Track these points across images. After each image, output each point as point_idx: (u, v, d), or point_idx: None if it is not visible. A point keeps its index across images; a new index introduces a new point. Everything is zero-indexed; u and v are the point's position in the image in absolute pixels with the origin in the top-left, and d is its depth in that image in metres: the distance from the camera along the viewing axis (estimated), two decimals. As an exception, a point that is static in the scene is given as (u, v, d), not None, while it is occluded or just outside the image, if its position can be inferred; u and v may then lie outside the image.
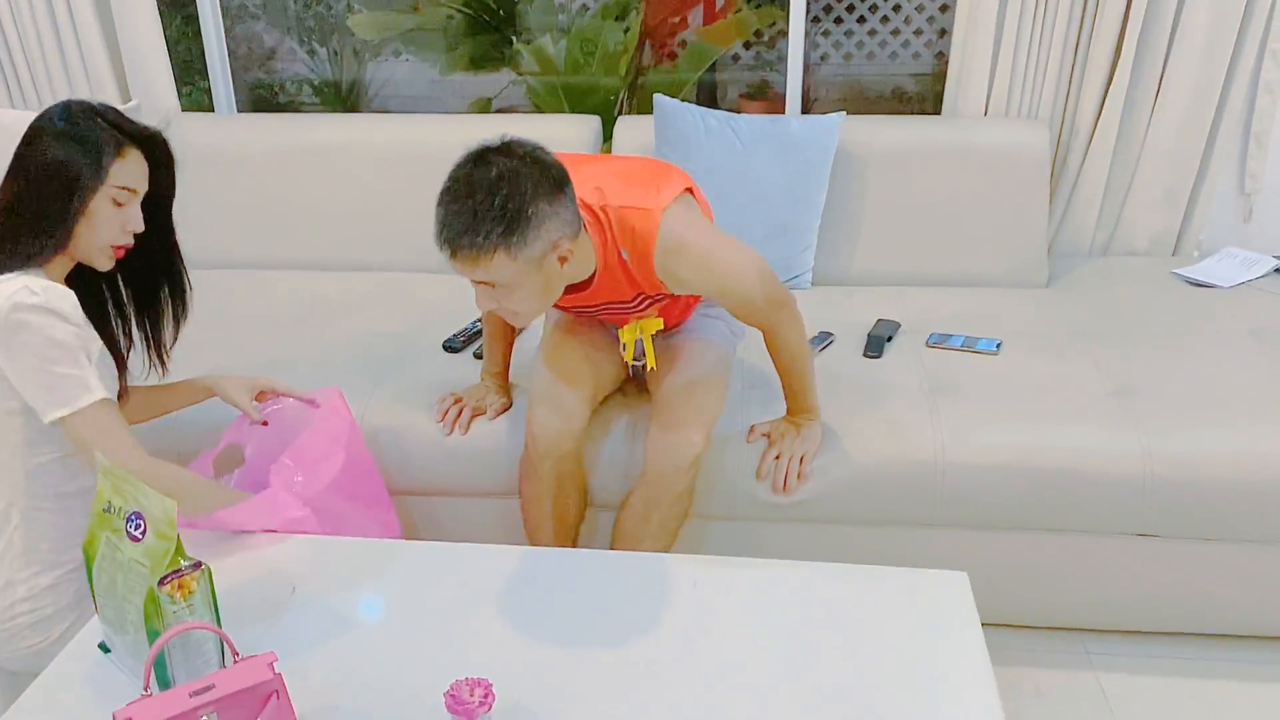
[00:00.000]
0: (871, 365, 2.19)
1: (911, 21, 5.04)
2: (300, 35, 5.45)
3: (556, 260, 1.57)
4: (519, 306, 1.58)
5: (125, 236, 1.58)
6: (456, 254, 1.50)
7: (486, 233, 1.47)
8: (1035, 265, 2.62)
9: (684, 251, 1.67)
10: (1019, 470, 1.93)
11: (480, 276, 1.53)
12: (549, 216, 1.51)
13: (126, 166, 1.55)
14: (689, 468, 1.83)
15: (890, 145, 2.65)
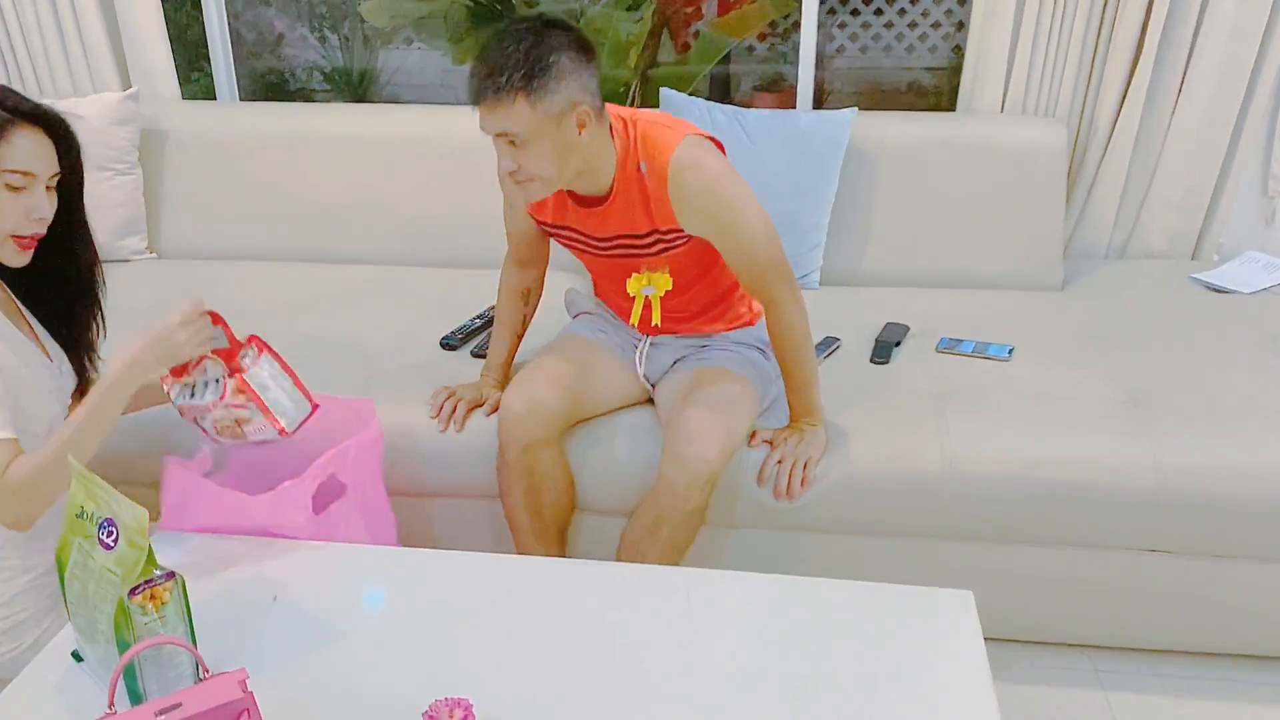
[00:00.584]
0: (879, 371, 2.14)
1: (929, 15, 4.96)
2: (312, 22, 5.42)
3: (575, 123, 1.60)
4: (535, 166, 1.61)
5: (31, 225, 1.46)
6: (481, 99, 1.56)
7: (509, 76, 1.53)
8: (1050, 267, 2.55)
9: (698, 169, 1.69)
10: (1027, 482, 1.87)
11: (501, 125, 1.57)
12: (571, 73, 1.57)
13: (16, 147, 1.42)
14: (702, 485, 1.78)
15: (902, 142, 2.58)
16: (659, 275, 1.85)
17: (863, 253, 2.59)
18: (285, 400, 1.59)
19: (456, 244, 2.72)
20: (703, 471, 1.76)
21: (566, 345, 2.01)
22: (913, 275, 2.58)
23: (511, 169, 1.63)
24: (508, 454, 1.90)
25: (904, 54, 5.13)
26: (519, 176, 1.64)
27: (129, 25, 2.83)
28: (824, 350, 2.20)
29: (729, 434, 1.80)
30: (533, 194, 1.69)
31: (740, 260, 1.78)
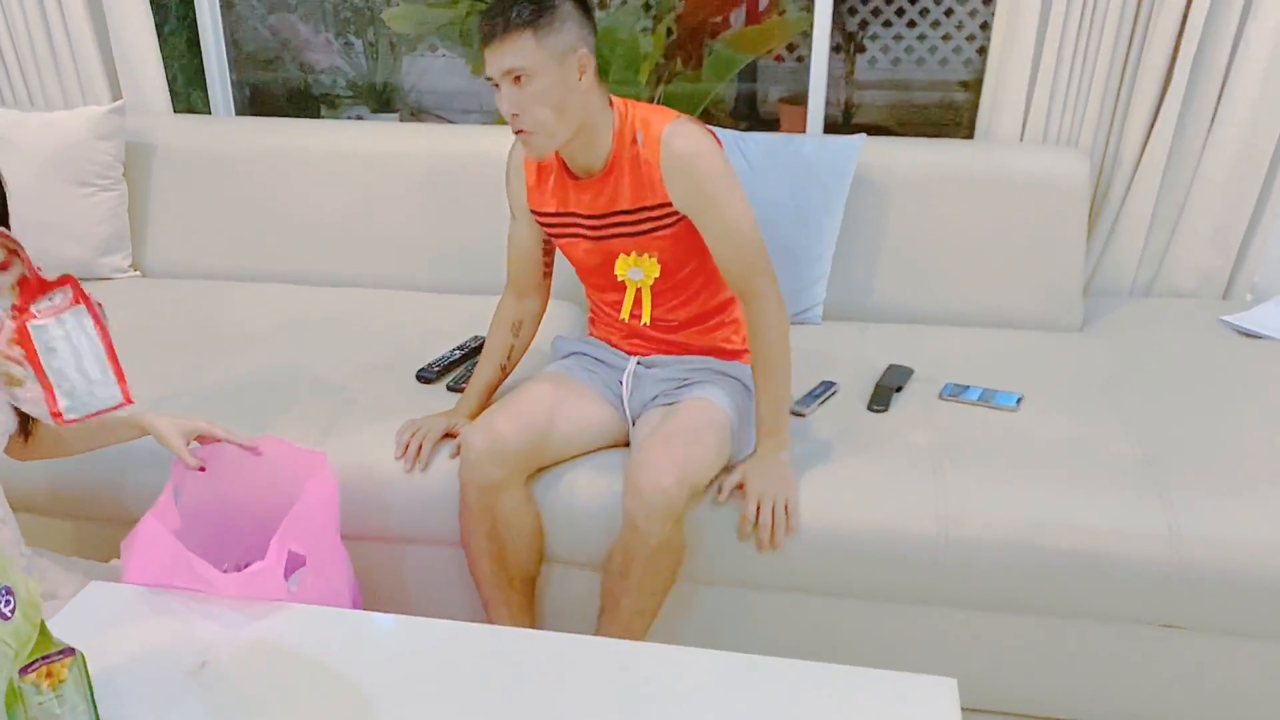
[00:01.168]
0: (875, 420, 2.01)
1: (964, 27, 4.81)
2: (336, 28, 5.37)
3: (577, 68, 1.67)
4: (537, 109, 1.65)
5: None
6: (492, 33, 1.63)
7: (518, 11, 1.61)
8: (1068, 306, 2.41)
9: (691, 139, 1.74)
10: (1030, 548, 1.73)
11: (507, 61, 1.63)
12: (573, 18, 1.66)
13: None
14: (662, 517, 1.67)
15: (913, 171, 2.45)
16: (646, 259, 1.84)
17: (869, 287, 2.46)
18: (76, 378, 1.25)
19: (447, 268, 2.62)
20: (659, 502, 1.66)
21: (539, 383, 1.91)
22: (921, 312, 2.44)
23: (514, 111, 1.67)
24: (468, 495, 1.80)
25: (937, 67, 4.99)
26: (521, 123, 1.68)
27: (120, 37, 2.76)
28: (818, 396, 2.07)
29: (689, 462, 1.70)
30: (533, 147, 1.71)
31: (723, 243, 1.77)
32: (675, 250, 1.83)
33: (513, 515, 1.81)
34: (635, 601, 1.76)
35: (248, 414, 2.01)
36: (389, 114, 5.22)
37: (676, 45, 4.36)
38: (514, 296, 2.02)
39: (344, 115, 5.18)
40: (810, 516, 1.79)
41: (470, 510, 1.81)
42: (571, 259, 1.94)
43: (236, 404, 2.04)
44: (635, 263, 1.84)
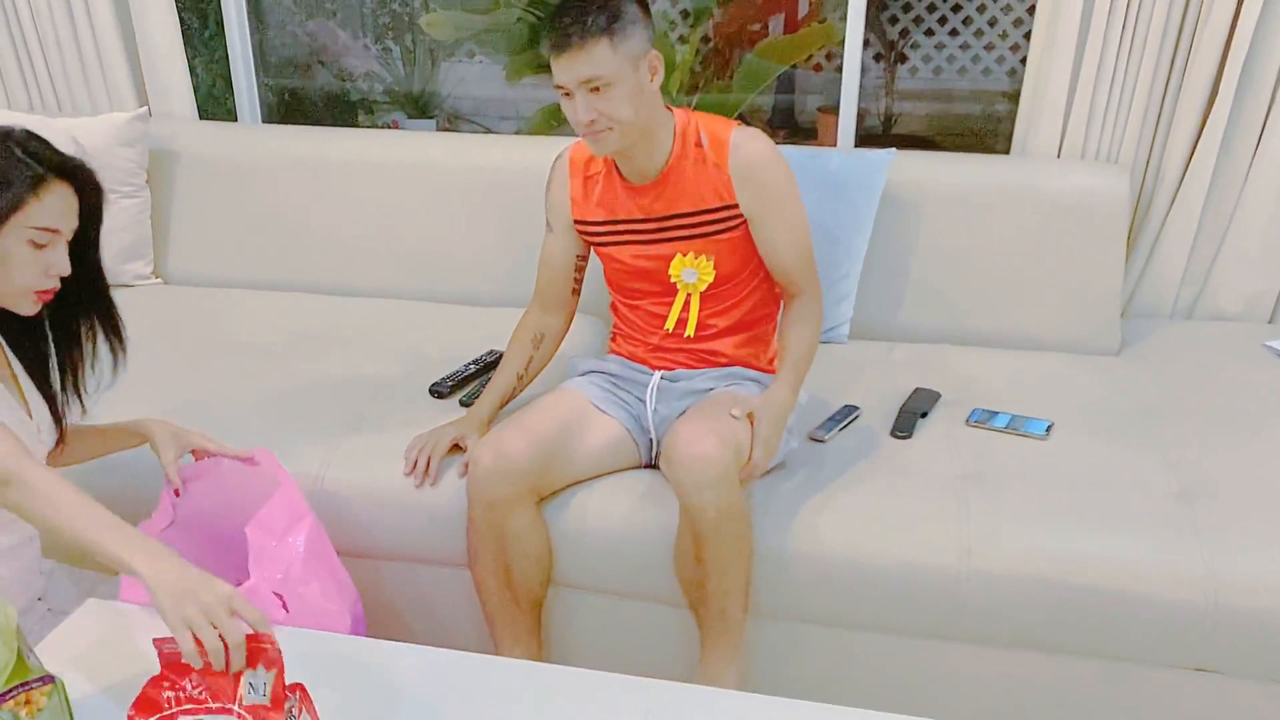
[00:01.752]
0: (899, 447, 1.93)
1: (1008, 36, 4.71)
2: (374, 33, 5.38)
3: (648, 69, 1.70)
4: (616, 109, 1.66)
5: (49, 280, 1.42)
6: (568, 42, 1.63)
7: (593, 19, 1.62)
8: (1105, 329, 2.32)
9: (761, 143, 1.79)
10: (1055, 584, 1.65)
11: (586, 70, 1.63)
12: (641, 22, 1.67)
13: (46, 204, 1.37)
14: (713, 482, 1.61)
15: (945, 187, 2.37)
16: (704, 261, 1.83)
17: (897, 306, 2.38)
18: None
19: (469, 280, 2.59)
20: (704, 468, 1.61)
21: (552, 400, 1.86)
22: (951, 332, 2.37)
23: (590, 118, 1.67)
24: (475, 513, 1.76)
25: (980, 76, 4.90)
26: (598, 125, 1.68)
27: (146, 44, 2.76)
28: (839, 422, 2.00)
29: (726, 426, 1.66)
30: (606, 144, 1.71)
31: (785, 245, 1.82)
32: (732, 256, 1.84)
33: (521, 534, 1.76)
34: (718, 582, 1.69)
35: (257, 428, 1.98)
36: (425, 120, 5.22)
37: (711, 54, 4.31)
38: (539, 310, 2.00)
39: (380, 121, 5.19)
40: (826, 546, 1.72)
41: (477, 528, 1.76)
42: (616, 265, 1.91)
43: (246, 417, 2.02)
44: (692, 263, 1.84)
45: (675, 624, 1.83)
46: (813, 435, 1.96)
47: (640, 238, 1.85)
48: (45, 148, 1.40)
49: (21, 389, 1.53)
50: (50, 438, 1.57)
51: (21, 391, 1.52)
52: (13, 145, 1.37)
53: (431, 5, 4.97)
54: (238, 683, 1.23)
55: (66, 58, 2.78)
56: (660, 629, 1.85)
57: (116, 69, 2.77)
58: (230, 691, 1.24)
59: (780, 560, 1.72)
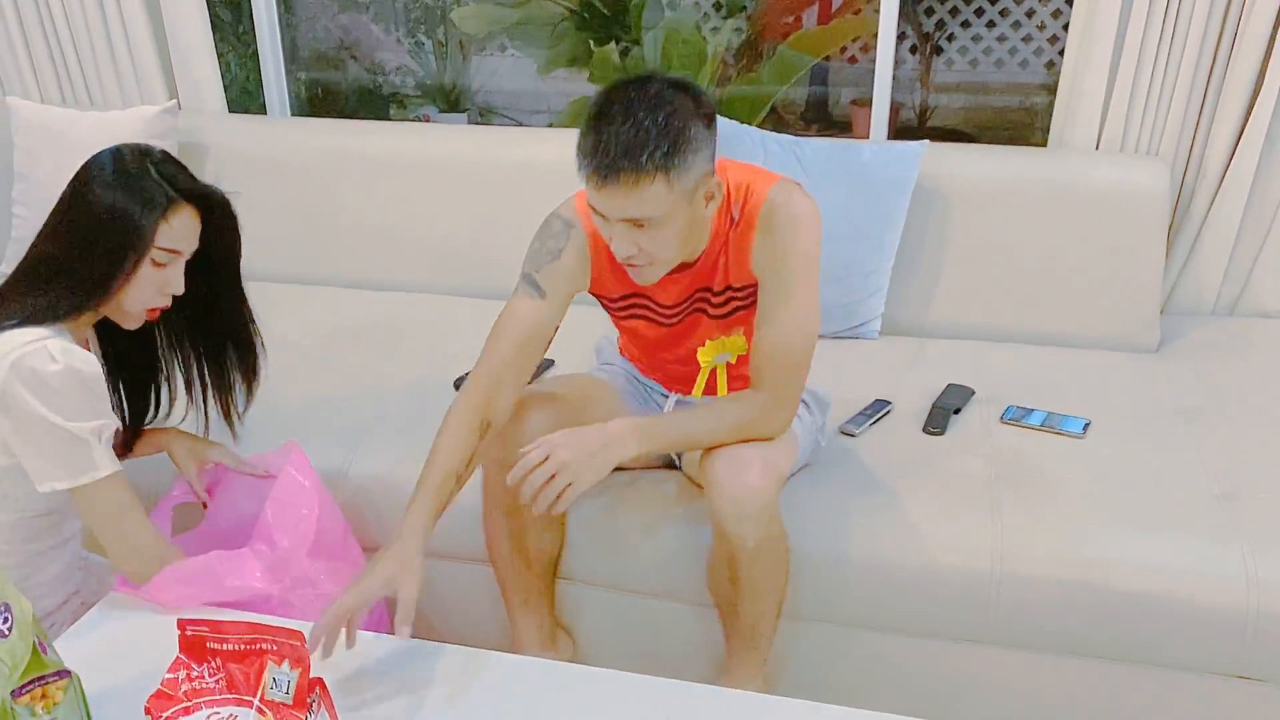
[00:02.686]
0: (931, 444, 1.90)
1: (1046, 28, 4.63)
2: (406, 26, 5.38)
3: (703, 198, 1.46)
4: (661, 249, 1.45)
5: (162, 299, 1.46)
6: (616, 177, 1.36)
7: (650, 152, 1.35)
8: (1144, 325, 2.26)
9: (795, 201, 1.53)
10: (1091, 588, 1.61)
11: (632, 209, 1.39)
12: (704, 144, 1.41)
13: (174, 226, 1.41)
14: (756, 515, 1.52)
15: (979, 180, 2.32)
16: (733, 339, 1.65)
17: (929, 301, 2.34)
18: None
19: (499, 274, 2.55)
20: (749, 499, 1.51)
21: (579, 378, 1.82)
22: (985, 329, 2.32)
23: (631, 254, 1.45)
24: (487, 471, 1.71)
25: (1016, 69, 4.82)
26: (637, 259, 1.46)
27: (176, 37, 2.76)
28: (870, 416, 1.96)
29: (771, 452, 1.57)
30: (647, 278, 1.51)
31: (767, 326, 1.55)
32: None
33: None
34: (753, 605, 1.63)
35: (282, 421, 1.97)
36: (457, 114, 5.22)
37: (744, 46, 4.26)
38: (489, 388, 1.58)
39: (412, 115, 5.19)
40: (856, 546, 1.69)
41: (490, 489, 1.72)
42: (629, 335, 1.78)
43: (272, 411, 2.01)
44: (721, 346, 1.66)
45: (698, 623, 1.81)
46: (843, 429, 1.93)
47: (664, 319, 1.67)
48: (181, 173, 1.45)
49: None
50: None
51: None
52: (150, 166, 1.41)
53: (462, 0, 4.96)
54: (260, 674, 1.22)
55: (97, 50, 2.78)
56: (682, 628, 1.82)
57: (147, 62, 2.78)
58: (252, 683, 1.23)
59: (808, 560, 1.69)
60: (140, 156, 1.41)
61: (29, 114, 2.63)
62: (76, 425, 1.35)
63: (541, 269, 1.62)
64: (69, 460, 1.36)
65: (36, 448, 1.36)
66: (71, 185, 1.41)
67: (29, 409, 1.32)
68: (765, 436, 1.57)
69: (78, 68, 2.82)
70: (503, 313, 1.63)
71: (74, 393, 1.34)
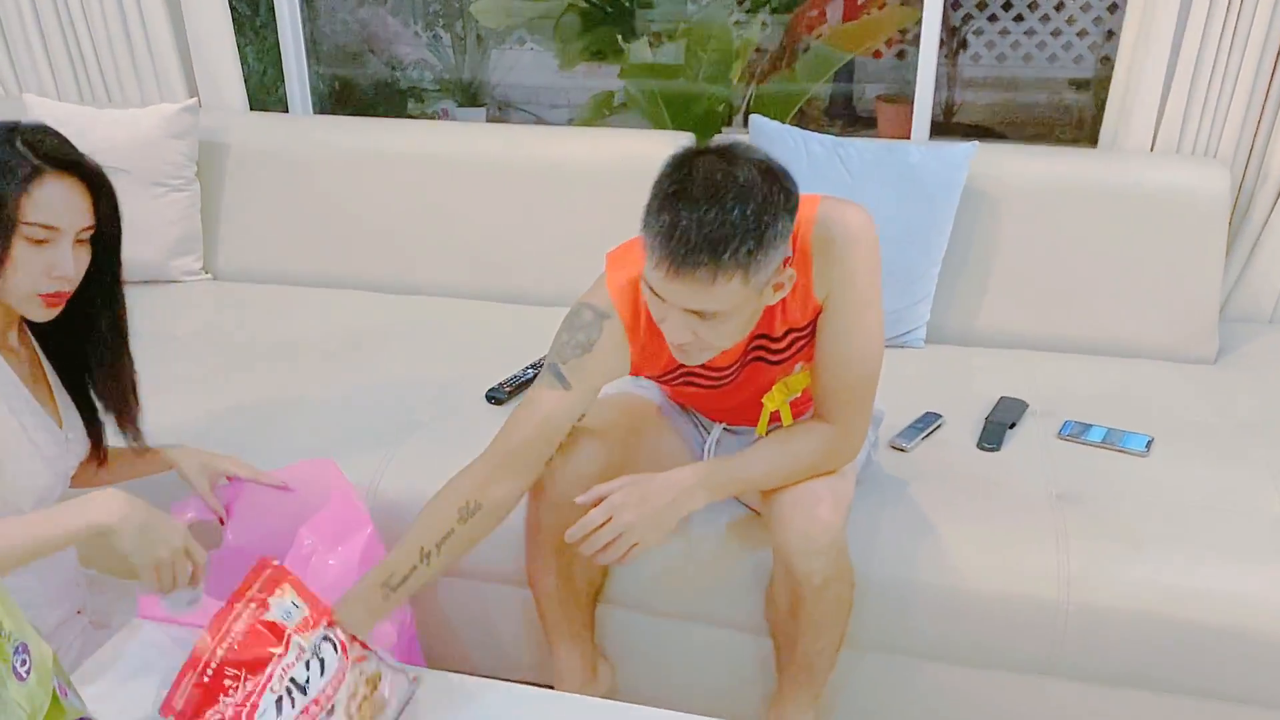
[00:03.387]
0: (987, 460, 1.81)
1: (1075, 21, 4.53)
2: (425, 20, 5.32)
3: (773, 288, 1.32)
4: (719, 339, 1.32)
5: (53, 283, 1.30)
6: (693, 271, 1.22)
7: (735, 250, 1.21)
8: (1202, 335, 2.17)
9: (849, 215, 1.39)
10: (1164, 619, 1.53)
11: (701, 303, 1.26)
12: (785, 237, 1.27)
13: (40, 200, 1.26)
14: (824, 550, 1.44)
15: (1030, 182, 2.23)
16: (796, 377, 1.54)
17: (978, 309, 2.25)
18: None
19: (529, 278, 2.49)
20: (818, 533, 1.43)
21: (624, 401, 1.73)
22: (1036, 338, 2.23)
23: (686, 341, 1.32)
24: (539, 511, 1.62)
25: (1045, 64, 4.72)
26: (691, 347, 1.34)
27: (197, 35, 2.69)
28: (921, 430, 1.88)
29: (839, 493, 1.48)
30: (697, 360, 1.38)
31: (832, 354, 1.44)
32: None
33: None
34: (813, 642, 1.55)
35: (308, 432, 1.90)
36: (475, 108, 5.15)
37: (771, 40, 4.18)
38: (491, 471, 1.45)
39: (430, 109, 5.12)
40: (915, 571, 1.61)
41: (539, 527, 1.63)
42: (677, 396, 1.68)
43: (297, 421, 1.94)
44: (786, 388, 1.54)
45: (746, 651, 1.73)
46: (894, 443, 1.85)
47: (718, 380, 1.54)
48: (50, 140, 1.29)
49: (54, 396, 1.45)
50: (82, 448, 1.49)
51: (53, 398, 1.45)
52: (15, 137, 1.27)
53: (483, -10, 4.89)
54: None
55: (116, 47, 2.72)
56: (729, 655, 1.75)
57: (166, 59, 2.71)
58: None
59: (864, 584, 1.60)
60: (7, 132, 1.28)
61: (45, 112, 2.55)
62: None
63: (568, 361, 1.47)
64: None
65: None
66: None
67: None
68: (835, 469, 1.49)
69: (95, 65, 2.75)
70: (524, 399, 1.50)
71: None
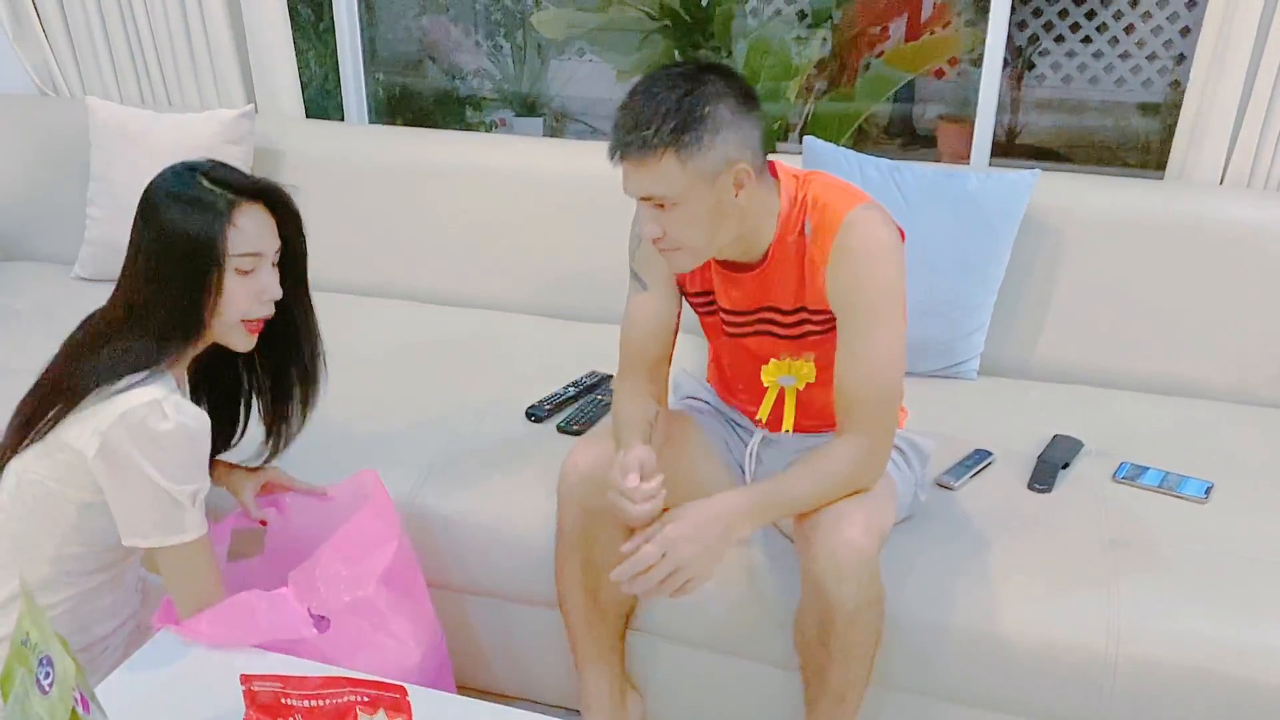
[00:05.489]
0: (1038, 502, 1.75)
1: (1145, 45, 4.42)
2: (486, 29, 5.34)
3: (732, 183, 1.38)
4: (683, 233, 1.39)
5: (263, 307, 1.39)
6: (625, 154, 1.36)
7: (657, 128, 1.32)
8: (1270, 377, 2.09)
9: (873, 232, 1.43)
10: (1218, 677, 1.46)
11: (647, 186, 1.36)
12: (729, 125, 1.35)
13: (244, 228, 1.34)
14: (855, 574, 1.41)
15: (1094, 212, 2.17)
16: (801, 364, 1.56)
17: (1034, 342, 2.19)
18: None
19: (574, 293, 2.47)
20: (849, 557, 1.40)
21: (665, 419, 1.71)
22: (1095, 374, 2.16)
23: (656, 235, 1.41)
24: (566, 519, 1.62)
25: (1112, 87, 4.62)
26: (664, 244, 1.42)
27: (256, 41, 2.71)
28: (970, 468, 1.82)
29: (873, 505, 1.46)
30: (679, 264, 1.46)
31: (852, 366, 1.45)
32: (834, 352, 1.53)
33: (613, 544, 1.61)
34: (843, 672, 1.51)
35: (347, 444, 1.90)
36: (533, 118, 5.16)
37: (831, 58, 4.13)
38: (645, 380, 1.62)
39: (488, 118, 5.14)
40: (957, 614, 1.55)
41: (567, 536, 1.63)
42: (709, 334, 1.68)
43: (337, 433, 1.93)
44: (788, 369, 1.57)
45: (775, 683, 1.68)
46: (940, 481, 1.79)
47: (731, 328, 1.60)
48: (229, 172, 1.38)
49: None
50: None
51: None
52: (200, 178, 1.35)
53: (544, 3, 4.91)
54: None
55: (178, 53, 2.75)
56: (758, 687, 1.71)
57: (226, 65, 2.74)
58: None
59: (903, 624, 1.56)
60: (188, 172, 1.36)
61: (106, 114, 2.59)
62: (176, 488, 1.30)
63: (635, 256, 1.62)
64: (160, 521, 1.32)
65: (131, 503, 1.32)
66: (135, 223, 1.35)
67: (133, 464, 1.28)
68: (865, 486, 1.46)
69: (158, 69, 2.79)
70: (624, 314, 1.64)
71: (180, 453, 1.30)
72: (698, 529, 1.37)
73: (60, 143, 2.71)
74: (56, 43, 2.83)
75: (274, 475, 1.62)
